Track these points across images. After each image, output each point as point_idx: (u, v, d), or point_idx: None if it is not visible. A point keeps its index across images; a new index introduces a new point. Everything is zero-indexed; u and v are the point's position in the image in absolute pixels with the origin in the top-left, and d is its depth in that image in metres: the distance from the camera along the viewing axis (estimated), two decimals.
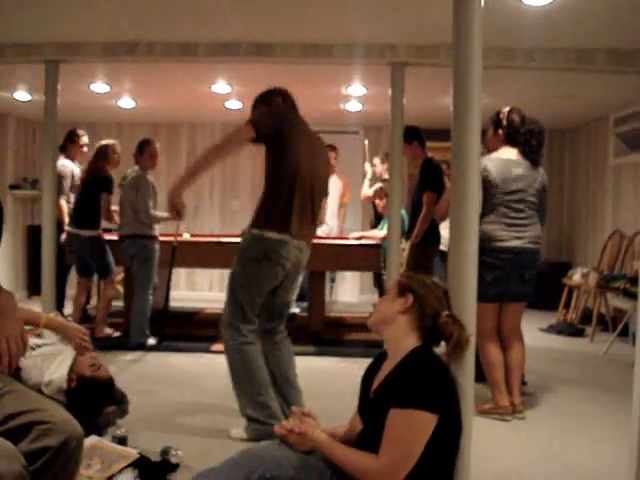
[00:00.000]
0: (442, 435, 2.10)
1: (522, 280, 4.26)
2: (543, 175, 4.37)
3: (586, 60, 5.27)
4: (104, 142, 6.41)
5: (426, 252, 5.73)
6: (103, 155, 6.25)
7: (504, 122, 4.36)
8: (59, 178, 6.31)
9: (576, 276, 7.38)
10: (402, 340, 2.28)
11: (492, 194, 4.15)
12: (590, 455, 3.69)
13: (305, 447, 2.25)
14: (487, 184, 4.13)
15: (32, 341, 3.34)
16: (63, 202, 6.50)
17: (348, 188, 8.21)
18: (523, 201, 4.22)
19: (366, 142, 7.95)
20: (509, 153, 4.28)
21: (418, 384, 2.13)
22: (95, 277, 6.70)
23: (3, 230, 2.17)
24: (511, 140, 4.30)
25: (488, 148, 4.46)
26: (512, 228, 4.19)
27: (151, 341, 6.01)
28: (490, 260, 4.10)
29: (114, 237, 6.28)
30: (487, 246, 4.04)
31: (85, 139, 6.85)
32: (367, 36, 5.21)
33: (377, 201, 7.10)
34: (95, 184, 6.18)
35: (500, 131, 4.37)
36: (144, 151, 6.12)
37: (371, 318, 2.42)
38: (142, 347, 5.91)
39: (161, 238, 6.10)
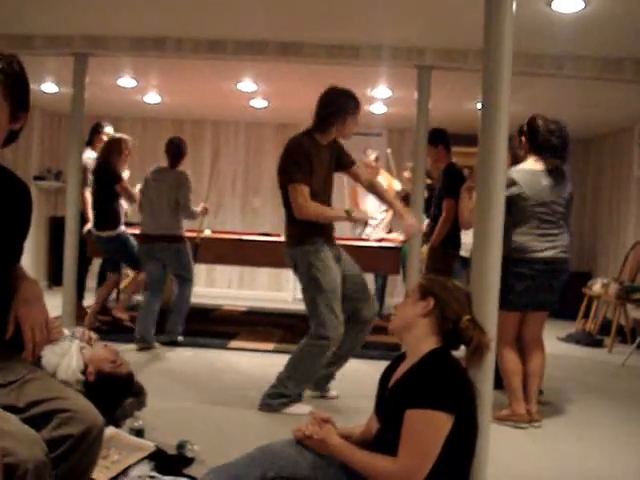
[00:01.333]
0: (458, 436, 2.10)
1: (550, 289, 4.25)
2: (570, 184, 4.35)
3: (614, 69, 5.24)
4: (117, 135, 6.36)
5: (446, 257, 5.71)
6: (118, 150, 6.18)
7: (525, 128, 4.37)
8: (84, 170, 6.35)
9: (596, 286, 7.32)
10: (422, 343, 2.28)
11: (523, 207, 4.14)
12: (605, 464, 3.67)
13: (322, 451, 2.25)
14: (516, 197, 4.10)
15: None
16: (88, 194, 6.53)
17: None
18: (553, 212, 4.21)
19: (389, 151, 7.86)
20: (536, 164, 4.25)
21: (434, 384, 2.13)
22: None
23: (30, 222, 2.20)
24: (536, 147, 4.26)
25: (516, 158, 4.45)
26: (544, 238, 4.17)
27: (180, 338, 5.99)
28: (524, 271, 4.12)
29: (133, 231, 6.28)
30: (521, 257, 4.10)
31: (111, 131, 6.89)
32: (394, 39, 5.21)
33: None
34: (109, 180, 6.11)
35: (523, 139, 4.37)
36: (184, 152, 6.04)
37: (392, 322, 2.42)
38: (174, 344, 5.89)
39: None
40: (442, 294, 2.33)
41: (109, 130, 6.90)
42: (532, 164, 4.24)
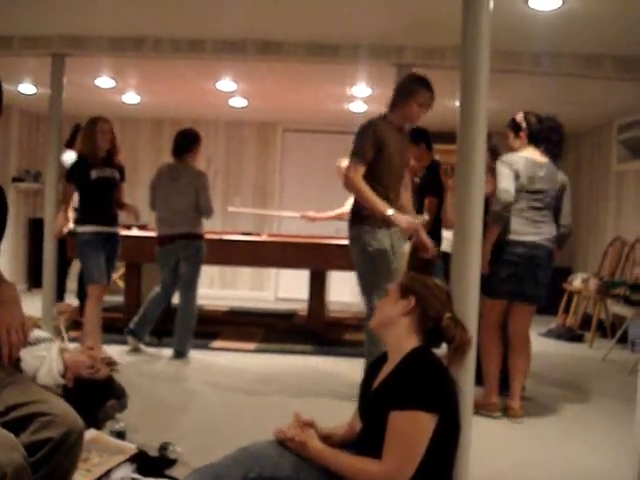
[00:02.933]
0: (441, 435, 2.10)
1: (535, 281, 4.29)
2: (563, 176, 4.61)
3: (593, 66, 5.29)
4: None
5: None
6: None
7: (523, 124, 4.49)
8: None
9: (576, 281, 7.38)
10: (403, 341, 2.28)
11: (516, 191, 4.26)
12: (589, 458, 3.70)
13: (303, 454, 2.24)
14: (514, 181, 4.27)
15: (34, 334, 3.35)
16: None
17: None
18: (543, 201, 4.36)
19: None
20: (533, 154, 4.40)
21: (416, 385, 2.13)
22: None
23: (6, 223, 2.17)
24: (534, 140, 4.44)
25: (496, 154, 4.53)
26: (530, 223, 4.30)
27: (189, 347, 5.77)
28: (506, 257, 4.23)
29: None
30: (503, 239, 4.24)
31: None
32: (373, 37, 5.22)
33: None
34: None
35: (521, 134, 4.50)
36: (197, 147, 5.81)
37: (373, 320, 2.42)
38: (183, 355, 5.65)
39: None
40: (423, 293, 2.33)
41: None
42: (529, 153, 4.39)
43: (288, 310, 8.15)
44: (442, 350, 2.33)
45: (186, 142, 5.72)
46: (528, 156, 4.37)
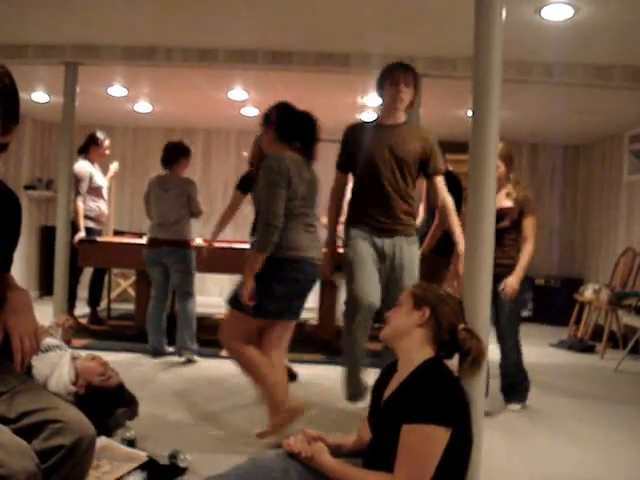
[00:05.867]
0: (454, 447, 2.08)
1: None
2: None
3: (604, 76, 5.28)
4: None
5: (436, 264, 5.69)
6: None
7: (272, 118, 3.88)
8: (76, 180, 6.35)
9: (588, 292, 7.34)
10: (415, 352, 2.25)
11: (289, 198, 3.60)
12: (602, 468, 3.67)
13: (312, 468, 2.23)
14: (288, 186, 3.58)
15: (45, 342, 3.36)
16: (80, 204, 6.52)
17: None
18: (312, 207, 3.78)
19: None
20: (293, 154, 3.73)
21: (430, 398, 2.10)
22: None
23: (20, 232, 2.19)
24: (285, 136, 3.78)
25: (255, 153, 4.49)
26: (310, 236, 3.71)
27: (196, 357, 5.78)
28: (287, 274, 3.62)
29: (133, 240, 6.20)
30: (285, 256, 3.59)
31: (107, 143, 6.89)
32: (384, 47, 5.23)
33: None
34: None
35: (271, 129, 3.86)
36: (186, 159, 5.93)
37: (385, 331, 2.39)
38: (187, 353, 5.71)
39: None
40: (437, 303, 2.30)
41: (107, 144, 6.90)
42: (290, 152, 3.71)
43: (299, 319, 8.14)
44: (453, 361, 2.32)
45: (175, 154, 5.84)
46: (292, 156, 3.71)
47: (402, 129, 4.00)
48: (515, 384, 4.67)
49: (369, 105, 7.32)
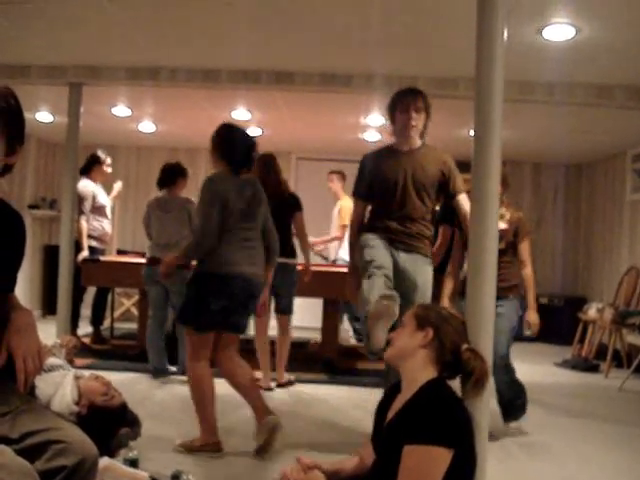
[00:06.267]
0: (457, 469, 2.06)
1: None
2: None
3: (606, 96, 5.30)
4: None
5: (437, 282, 5.67)
6: None
7: (214, 139, 4.03)
8: (80, 199, 6.36)
9: (591, 311, 7.33)
10: (419, 373, 2.25)
11: (225, 216, 3.80)
12: None
13: None
14: (225, 201, 3.79)
15: (48, 362, 3.36)
16: (83, 223, 6.55)
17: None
18: (253, 222, 3.96)
19: None
20: (230, 173, 3.95)
21: (432, 419, 2.09)
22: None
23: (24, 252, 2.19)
24: (225, 156, 3.97)
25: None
26: (246, 252, 3.88)
27: None
28: (222, 289, 3.77)
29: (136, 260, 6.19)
30: (220, 271, 3.77)
31: (109, 161, 6.94)
32: (387, 67, 5.25)
33: None
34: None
35: (214, 149, 4.03)
36: (183, 180, 6.02)
37: (389, 351, 2.39)
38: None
39: None
40: (440, 324, 2.30)
41: (109, 162, 6.95)
42: (226, 172, 3.94)
43: (302, 339, 8.12)
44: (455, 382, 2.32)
45: (172, 175, 5.92)
46: (224, 174, 3.95)
47: (418, 154, 3.98)
48: (510, 401, 4.57)
49: (372, 125, 7.35)
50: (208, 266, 3.80)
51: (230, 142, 4.00)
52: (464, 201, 3.93)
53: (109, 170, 6.96)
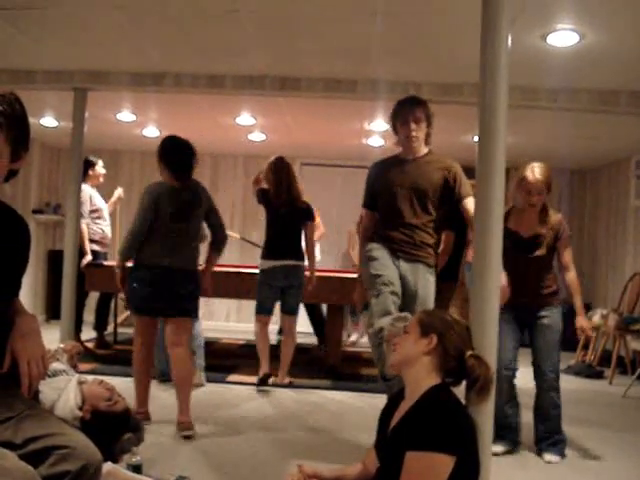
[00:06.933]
0: (459, 476, 2.06)
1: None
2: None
3: (610, 102, 5.29)
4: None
5: (442, 289, 5.66)
6: None
7: (160, 150, 4.57)
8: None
9: (595, 317, 7.31)
10: (423, 380, 2.24)
11: (156, 217, 4.41)
12: None
13: None
14: (155, 209, 4.40)
15: (52, 366, 3.36)
16: (84, 226, 6.56)
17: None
18: (185, 223, 4.52)
19: None
20: (174, 182, 4.52)
21: (434, 426, 2.08)
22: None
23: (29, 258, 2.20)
24: (166, 165, 4.52)
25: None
26: (173, 248, 4.44)
27: (204, 380, 5.84)
28: (146, 277, 4.39)
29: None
30: (144, 262, 4.42)
31: (100, 163, 6.97)
32: (391, 73, 5.26)
33: None
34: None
35: (159, 160, 4.56)
36: None
37: (393, 358, 2.38)
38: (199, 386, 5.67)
39: None
40: (444, 330, 2.29)
41: (101, 164, 6.98)
42: (167, 180, 4.53)
43: (305, 344, 8.12)
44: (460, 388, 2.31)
45: None
46: (165, 184, 4.54)
47: (422, 162, 3.98)
48: (556, 429, 4.31)
49: (376, 131, 7.35)
50: (138, 258, 4.44)
51: (170, 153, 4.54)
52: (470, 204, 3.90)
53: (102, 171, 7.00)
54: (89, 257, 6.54)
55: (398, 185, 3.94)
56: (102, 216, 6.94)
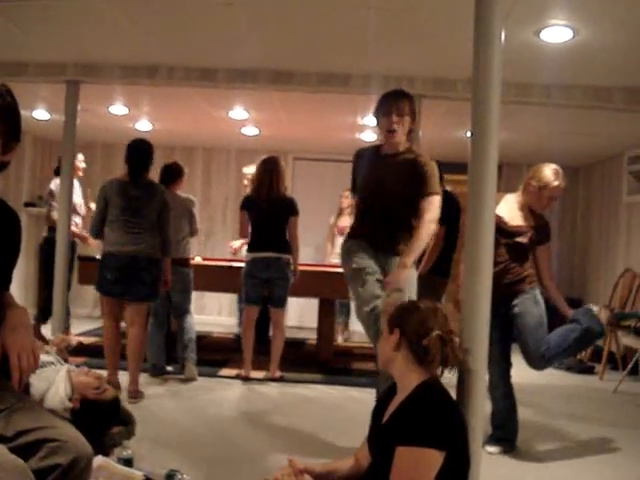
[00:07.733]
0: (450, 470, 2.07)
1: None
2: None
3: (603, 98, 5.30)
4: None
5: (433, 284, 5.64)
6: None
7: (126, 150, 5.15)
8: (53, 196, 6.44)
9: None
10: (406, 376, 2.24)
11: (110, 210, 5.03)
12: None
13: None
14: (106, 202, 5.04)
15: (40, 359, 3.35)
16: (55, 214, 6.50)
17: None
18: (136, 217, 4.99)
19: None
20: (124, 176, 5.15)
21: (423, 420, 2.09)
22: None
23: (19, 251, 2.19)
24: (125, 162, 5.24)
25: None
26: (129, 236, 4.99)
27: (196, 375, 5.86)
28: (107, 263, 4.96)
29: None
30: (105, 250, 5.02)
31: (80, 157, 6.89)
32: (384, 67, 5.26)
33: None
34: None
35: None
36: (181, 179, 6.10)
37: (378, 360, 2.40)
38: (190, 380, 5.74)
39: None
40: (403, 321, 2.28)
41: (81, 158, 6.91)
42: (124, 177, 5.16)
43: (297, 338, 8.13)
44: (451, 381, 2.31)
45: (173, 174, 6.03)
46: (119, 179, 5.19)
47: (398, 158, 3.88)
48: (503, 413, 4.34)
49: (369, 125, 7.35)
50: (102, 246, 5.08)
51: (128, 153, 5.27)
52: (427, 203, 3.76)
53: (82, 165, 6.92)
54: (92, 240, 6.43)
55: (375, 180, 3.89)
56: (76, 211, 6.84)
